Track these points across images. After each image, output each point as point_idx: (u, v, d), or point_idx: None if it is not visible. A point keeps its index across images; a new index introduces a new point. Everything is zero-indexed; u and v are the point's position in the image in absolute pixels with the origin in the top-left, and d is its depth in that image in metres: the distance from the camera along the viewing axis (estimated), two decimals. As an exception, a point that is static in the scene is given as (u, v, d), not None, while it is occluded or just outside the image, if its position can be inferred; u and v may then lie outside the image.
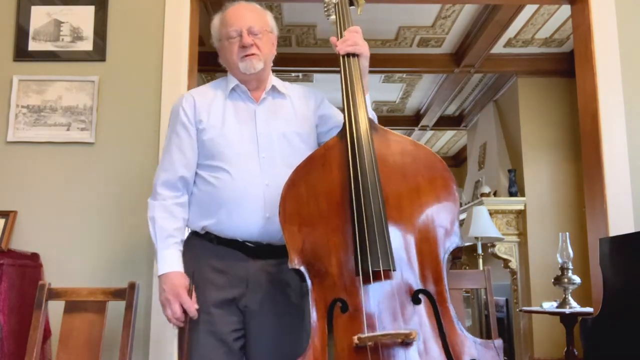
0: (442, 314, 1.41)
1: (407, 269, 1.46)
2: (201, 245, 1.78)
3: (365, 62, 1.73)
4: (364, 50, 1.72)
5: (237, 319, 1.73)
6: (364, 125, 1.60)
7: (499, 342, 1.41)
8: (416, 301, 1.43)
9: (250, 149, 1.76)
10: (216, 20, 1.86)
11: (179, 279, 1.71)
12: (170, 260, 1.73)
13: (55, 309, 2.21)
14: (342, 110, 1.65)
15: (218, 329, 1.70)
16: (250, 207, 1.70)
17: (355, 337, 1.36)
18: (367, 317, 1.40)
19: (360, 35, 1.74)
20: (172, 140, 1.83)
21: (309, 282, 1.50)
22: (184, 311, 1.68)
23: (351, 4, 1.92)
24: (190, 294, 1.69)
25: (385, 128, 1.64)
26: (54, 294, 2.13)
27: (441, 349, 1.38)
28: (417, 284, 1.45)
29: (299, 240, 1.52)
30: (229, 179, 1.73)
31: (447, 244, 1.49)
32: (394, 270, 1.43)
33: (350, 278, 1.46)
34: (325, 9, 1.92)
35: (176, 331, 2.62)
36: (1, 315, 2.25)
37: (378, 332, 1.37)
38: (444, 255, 1.48)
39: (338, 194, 1.53)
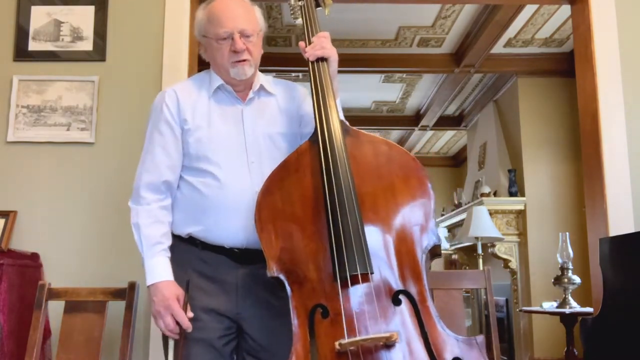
0: (423, 313, 1.41)
1: (386, 270, 1.46)
2: (186, 250, 1.72)
3: (334, 66, 1.71)
4: (332, 53, 1.70)
5: (226, 325, 1.68)
6: (336, 129, 1.58)
7: (480, 338, 1.40)
8: (396, 302, 1.42)
9: (238, 153, 1.70)
10: (202, 14, 1.74)
11: (169, 289, 1.63)
12: (159, 270, 1.66)
13: (55, 309, 2.21)
14: (314, 115, 1.63)
15: (207, 336, 1.65)
16: (240, 215, 1.65)
17: (337, 343, 1.36)
18: (347, 321, 1.39)
19: (329, 40, 1.72)
20: (155, 139, 1.73)
21: (288, 289, 1.49)
22: (178, 322, 1.60)
23: (317, 5, 1.87)
24: (184, 306, 1.61)
25: (358, 129, 1.63)
26: (54, 294, 2.13)
27: (424, 348, 1.38)
28: (396, 285, 1.45)
29: (276, 247, 1.52)
30: (217, 185, 1.67)
31: (424, 242, 1.49)
32: (372, 273, 1.43)
33: (330, 283, 1.45)
34: (292, 12, 1.88)
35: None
36: (1, 315, 2.25)
37: (358, 337, 1.37)
38: (421, 255, 1.47)
39: (313, 200, 1.53)
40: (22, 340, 2.23)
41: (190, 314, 1.62)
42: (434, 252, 1.54)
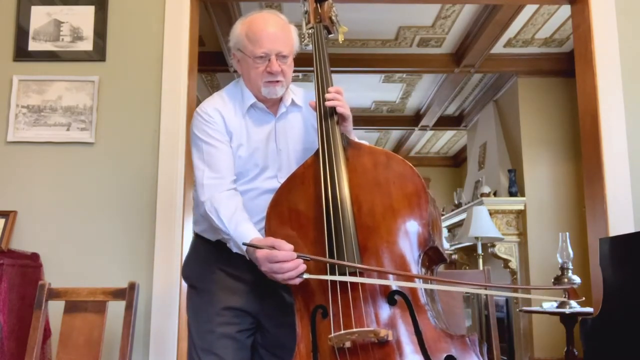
0: (417, 312, 1.46)
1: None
2: (215, 252, 1.80)
3: (349, 126, 1.74)
4: (347, 111, 1.72)
5: (248, 321, 1.78)
6: (337, 141, 1.66)
7: (473, 337, 1.44)
8: (392, 302, 1.48)
9: (271, 166, 1.80)
10: (240, 28, 1.78)
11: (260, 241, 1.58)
12: (245, 235, 1.61)
13: (55, 309, 2.21)
14: (317, 134, 1.70)
15: (230, 330, 1.75)
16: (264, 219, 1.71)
17: (328, 337, 1.44)
18: (343, 319, 1.46)
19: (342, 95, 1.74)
20: (204, 150, 1.76)
21: (293, 292, 1.59)
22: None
23: (329, 32, 1.92)
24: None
25: (360, 142, 1.70)
26: (54, 294, 2.13)
27: (418, 347, 1.42)
28: (392, 286, 1.50)
29: None
30: (246, 191, 1.77)
31: (419, 245, 1.54)
32: (361, 272, 1.49)
33: (328, 285, 1.51)
34: (303, 38, 1.89)
35: (176, 329, 2.62)
36: (1, 315, 2.25)
37: (344, 331, 1.43)
38: (416, 257, 1.53)
39: (315, 208, 1.61)
40: (22, 340, 2.23)
41: (290, 245, 1.55)
42: (438, 256, 1.61)
